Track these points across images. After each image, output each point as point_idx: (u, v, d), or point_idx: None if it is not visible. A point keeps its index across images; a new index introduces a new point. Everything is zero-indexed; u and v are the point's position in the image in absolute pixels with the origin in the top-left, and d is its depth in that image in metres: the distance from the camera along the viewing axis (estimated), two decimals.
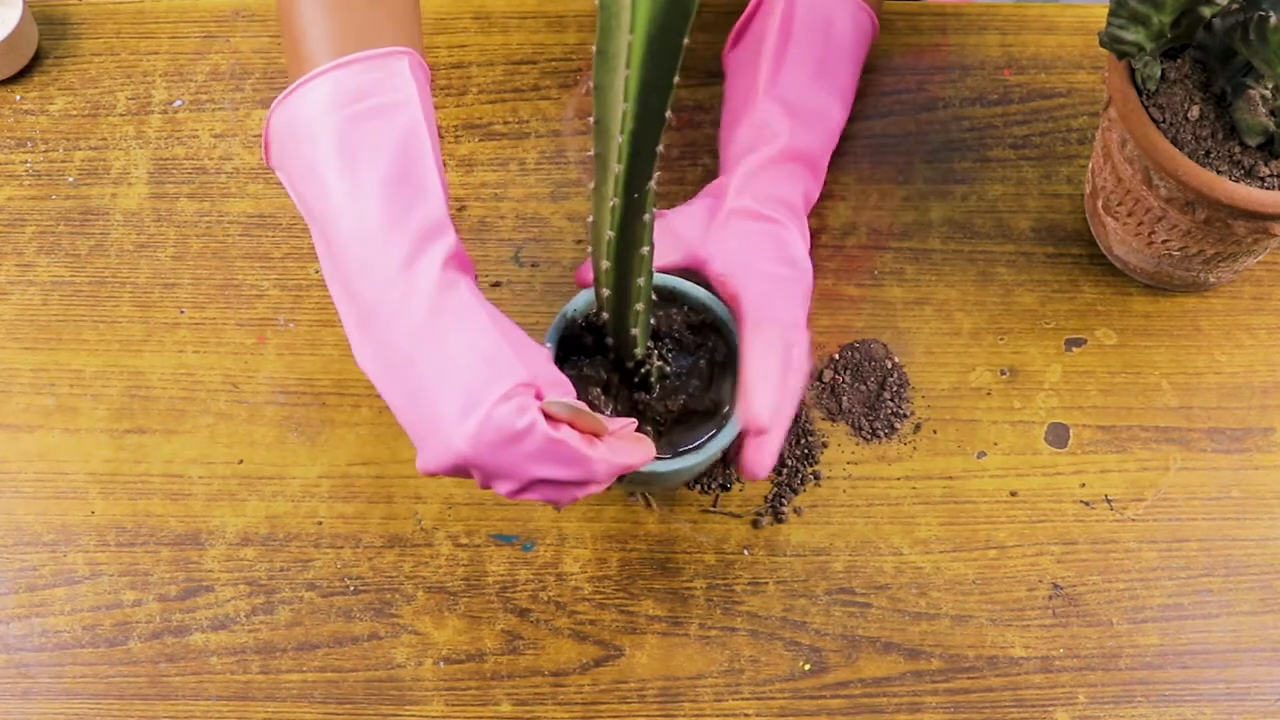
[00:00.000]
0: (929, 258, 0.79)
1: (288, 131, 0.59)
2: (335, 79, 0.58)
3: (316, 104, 0.58)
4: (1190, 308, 0.77)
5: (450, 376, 0.54)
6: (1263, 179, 0.65)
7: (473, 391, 0.54)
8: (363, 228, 0.56)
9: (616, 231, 0.54)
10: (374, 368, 0.57)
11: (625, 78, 0.47)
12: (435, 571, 0.71)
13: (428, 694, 0.68)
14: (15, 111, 0.83)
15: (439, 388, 0.54)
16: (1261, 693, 0.68)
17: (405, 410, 0.56)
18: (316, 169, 0.57)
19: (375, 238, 0.56)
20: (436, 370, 0.54)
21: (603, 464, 0.56)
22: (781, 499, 0.72)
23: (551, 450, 0.54)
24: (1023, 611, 0.70)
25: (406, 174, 0.57)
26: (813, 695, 0.68)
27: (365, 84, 0.58)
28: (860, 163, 0.81)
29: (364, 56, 0.58)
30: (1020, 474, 0.73)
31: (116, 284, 0.78)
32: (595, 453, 0.55)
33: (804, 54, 0.71)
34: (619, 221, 0.53)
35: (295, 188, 0.60)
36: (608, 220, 0.53)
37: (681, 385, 0.65)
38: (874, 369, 0.75)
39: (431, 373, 0.54)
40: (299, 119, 0.58)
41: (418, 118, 0.58)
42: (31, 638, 0.69)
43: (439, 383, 0.54)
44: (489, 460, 0.54)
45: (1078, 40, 0.85)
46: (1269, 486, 0.73)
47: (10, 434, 0.74)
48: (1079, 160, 0.81)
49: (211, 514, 0.72)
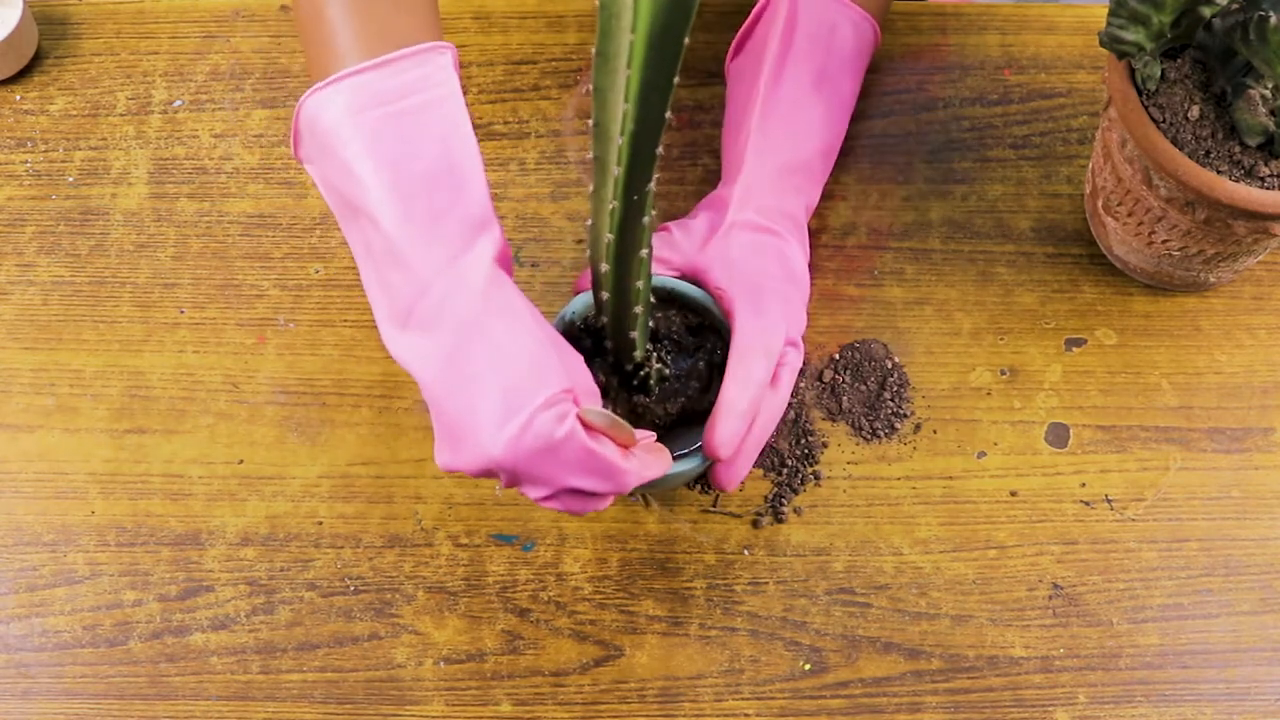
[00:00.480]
0: (929, 258, 0.79)
1: (321, 127, 0.58)
2: (374, 76, 0.57)
3: (354, 100, 0.57)
4: (1190, 308, 0.77)
5: (495, 376, 0.54)
6: (1263, 179, 0.65)
7: (517, 394, 0.53)
8: (408, 222, 0.55)
9: (616, 234, 0.53)
10: (416, 362, 0.56)
11: (626, 78, 0.46)
12: (435, 571, 0.71)
13: (428, 694, 0.68)
14: (15, 111, 0.83)
15: (483, 387, 0.54)
16: (1261, 693, 0.68)
17: (444, 404, 0.55)
18: (354, 166, 0.57)
19: (421, 231, 0.55)
20: (483, 368, 0.54)
21: (636, 478, 0.56)
22: (781, 499, 0.72)
23: (589, 461, 0.54)
24: (1023, 611, 0.70)
25: (451, 168, 0.57)
26: (813, 695, 0.68)
27: (407, 81, 0.57)
28: (860, 163, 0.81)
29: (406, 54, 0.58)
30: (1020, 474, 0.73)
31: (116, 284, 0.78)
32: (629, 465, 0.56)
33: (805, 63, 0.71)
34: (618, 224, 0.53)
35: (330, 182, 0.59)
36: (607, 223, 0.53)
37: (680, 387, 0.65)
38: (874, 369, 0.75)
39: (477, 370, 0.54)
40: (335, 115, 0.57)
41: (460, 112, 0.58)
42: (31, 638, 0.69)
43: (483, 382, 0.54)
44: (524, 467, 0.54)
45: (1078, 40, 0.85)
46: (1269, 486, 0.73)
47: (10, 434, 0.74)
48: (1079, 160, 0.81)
49: (211, 514, 0.72)
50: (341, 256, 0.78)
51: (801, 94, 0.71)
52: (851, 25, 0.73)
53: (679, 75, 0.46)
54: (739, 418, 0.60)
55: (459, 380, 0.54)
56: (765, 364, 0.62)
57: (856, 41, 0.73)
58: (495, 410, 0.53)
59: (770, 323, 0.63)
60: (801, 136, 0.70)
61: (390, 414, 0.74)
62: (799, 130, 0.70)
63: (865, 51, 0.75)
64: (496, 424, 0.53)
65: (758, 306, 0.63)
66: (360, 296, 0.77)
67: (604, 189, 0.52)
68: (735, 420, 0.60)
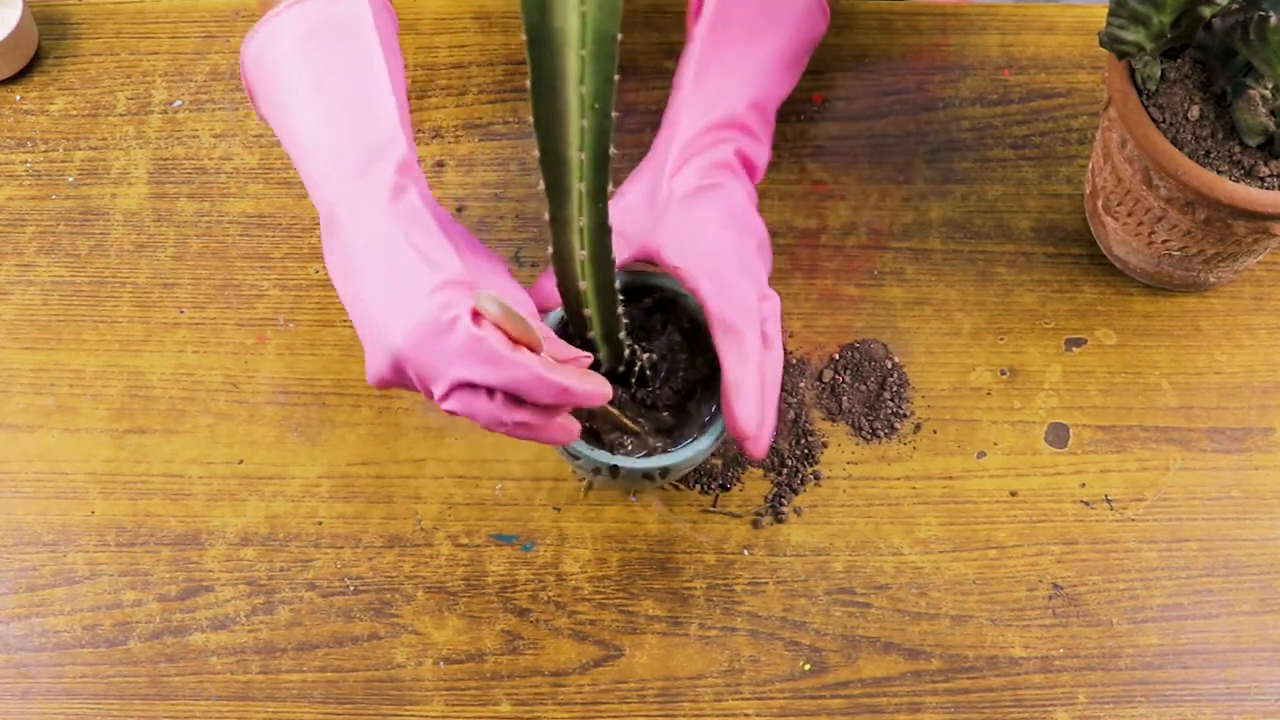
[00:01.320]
0: (929, 258, 0.79)
1: (255, 67, 0.65)
2: (296, 14, 0.63)
3: (279, 36, 0.63)
4: (1190, 308, 0.77)
5: (392, 275, 0.57)
6: (1263, 179, 0.65)
7: (409, 287, 0.56)
8: (318, 143, 0.61)
9: (591, 247, 0.55)
10: (334, 273, 0.60)
11: (580, 95, 0.48)
12: (435, 571, 0.71)
13: (428, 694, 0.68)
14: (15, 111, 0.83)
15: (382, 287, 0.57)
16: (1261, 693, 0.68)
17: (355, 314, 0.59)
18: (280, 96, 0.63)
19: (330, 152, 0.61)
20: (382, 271, 0.57)
21: (529, 373, 0.54)
22: (781, 499, 0.72)
23: (472, 347, 0.54)
24: (1023, 611, 0.70)
25: (359, 93, 0.62)
26: (813, 695, 0.68)
27: (325, 16, 0.63)
28: (860, 163, 0.81)
29: None
30: (1020, 474, 0.73)
31: (116, 284, 0.78)
32: (520, 358, 0.54)
33: (735, 20, 0.70)
34: (592, 237, 0.54)
35: (267, 117, 0.65)
36: (577, 242, 0.55)
37: (671, 363, 0.66)
38: (874, 369, 0.75)
39: (377, 274, 0.57)
40: (265, 53, 0.64)
41: (371, 42, 0.62)
42: (31, 638, 0.69)
43: (383, 283, 0.57)
44: (416, 354, 0.55)
45: (1078, 40, 0.85)
46: (1269, 486, 0.73)
47: (10, 434, 0.74)
48: (1079, 160, 0.81)
49: (211, 514, 0.72)
50: None
51: (732, 52, 0.70)
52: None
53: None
54: (751, 393, 0.62)
55: (363, 287, 0.58)
56: (751, 332, 0.62)
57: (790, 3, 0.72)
58: (391, 305, 0.56)
59: (739, 290, 0.63)
60: (729, 90, 0.69)
61: (390, 414, 0.74)
62: (727, 85, 0.69)
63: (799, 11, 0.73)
64: (388, 319, 0.56)
65: (720, 279, 0.63)
66: None
67: (565, 210, 0.53)
68: (749, 398, 0.61)
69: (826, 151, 0.82)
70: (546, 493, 0.72)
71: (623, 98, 0.83)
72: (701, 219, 0.66)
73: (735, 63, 0.70)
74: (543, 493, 0.72)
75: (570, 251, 0.55)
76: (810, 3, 0.73)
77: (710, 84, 0.69)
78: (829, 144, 0.82)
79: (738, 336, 0.62)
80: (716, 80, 0.69)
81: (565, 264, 0.56)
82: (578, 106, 0.49)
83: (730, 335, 0.62)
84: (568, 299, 0.59)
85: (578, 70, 0.48)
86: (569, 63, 0.48)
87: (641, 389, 0.65)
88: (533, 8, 0.47)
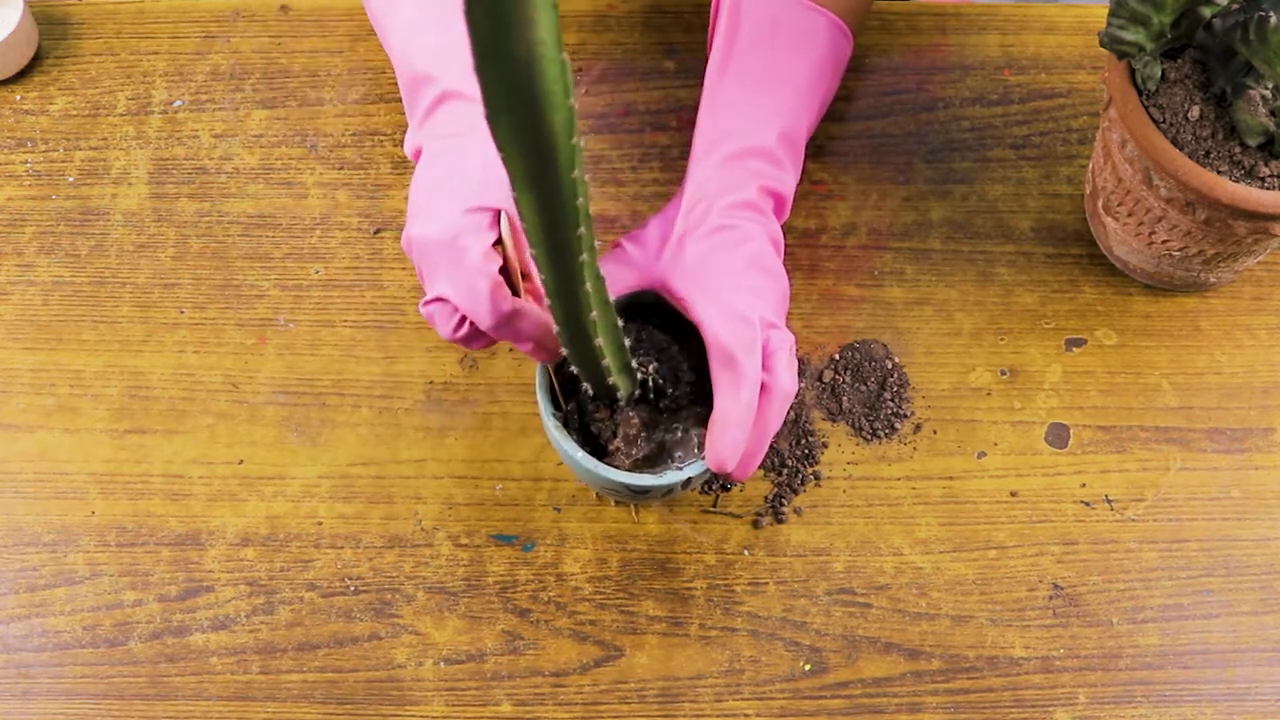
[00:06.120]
0: (929, 258, 0.79)
1: None
2: None
3: None
4: (1190, 308, 0.77)
5: (453, 176, 0.63)
6: (1263, 179, 0.65)
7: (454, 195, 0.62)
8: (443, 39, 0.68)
9: (599, 309, 0.55)
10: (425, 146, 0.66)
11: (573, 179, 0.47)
12: (435, 572, 0.71)
13: (428, 694, 0.68)
14: (15, 111, 0.83)
15: (444, 178, 0.63)
16: (1261, 693, 0.68)
17: (416, 178, 0.65)
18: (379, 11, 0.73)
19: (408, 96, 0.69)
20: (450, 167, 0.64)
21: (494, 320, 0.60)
22: (781, 499, 0.72)
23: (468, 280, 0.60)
24: (1023, 612, 0.70)
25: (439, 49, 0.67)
26: (813, 695, 0.68)
27: None
28: (860, 163, 0.81)
29: None
30: (1020, 474, 0.73)
31: (116, 284, 0.78)
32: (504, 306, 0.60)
33: (751, 51, 0.70)
34: (599, 300, 0.55)
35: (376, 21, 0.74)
36: (585, 310, 0.54)
37: (679, 376, 0.65)
38: (874, 369, 0.75)
39: (448, 167, 0.64)
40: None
41: None
42: (31, 638, 0.69)
43: (445, 175, 0.63)
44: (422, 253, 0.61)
45: (1078, 40, 0.85)
46: (1269, 486, 0.73)
47: (10, 434, 0.74)
48: (1079, 160, 0.81)
49: (211, 514, 0.72)
50: (341, 256, 0.79)
51: (748, 81, 0.70)
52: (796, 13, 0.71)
53: None
54: (735, 427, 0.60)
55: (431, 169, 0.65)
56: (750, 364, 0.61)
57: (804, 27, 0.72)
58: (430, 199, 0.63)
59: (736, 318, 0.62)
60: (752, 122, 0.69)
61: (390, 414, 0.74)
62: (749, 116, 0.69)
63: (817, 39, 0.72)
64: (427, 209, 0.62)
65: (721, 306, 0.62)
66: (360, 296, 0.77)
67: (567, 283, 0.53)
68: (731, 430, 0.60)
69: (826, 151, 0.82)
70: (547, 493, 0.72)
71: (623, 98, 0.83)
72: (708, 253, 0.65)
73: (753, 93, 0.70)
74: (543, 493, 0.72)
75: (582, 318, 0.55)
76: (831, 26, 0.72)
77: (729, 116, 0.69)
78: (829, 144, 0.82)
79: (734, 369, 0.61)
80: (736, 112, 0.69)
81: (575, 333, 0.56)
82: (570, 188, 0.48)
83: (728, 368, 0.61)
84: (579, 360, 0.59)
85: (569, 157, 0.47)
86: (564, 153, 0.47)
87: (661, 398, 0.65)
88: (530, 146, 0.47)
